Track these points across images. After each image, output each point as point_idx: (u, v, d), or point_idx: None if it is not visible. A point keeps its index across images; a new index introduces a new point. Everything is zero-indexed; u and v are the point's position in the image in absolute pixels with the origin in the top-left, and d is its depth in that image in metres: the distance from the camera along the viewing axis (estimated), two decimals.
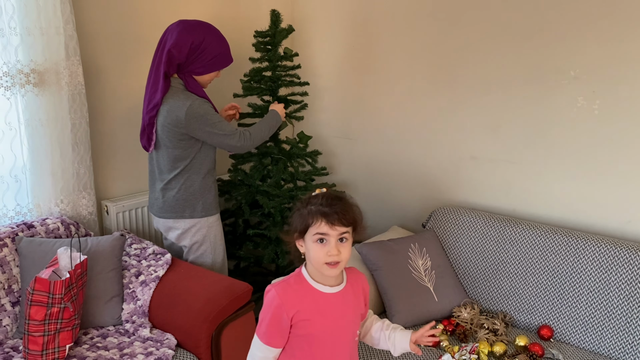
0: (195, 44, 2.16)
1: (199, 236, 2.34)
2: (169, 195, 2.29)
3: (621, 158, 2.22)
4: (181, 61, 2.17)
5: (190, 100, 2.15)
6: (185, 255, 2.40)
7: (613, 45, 2.16)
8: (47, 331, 1.82)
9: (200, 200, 2.30)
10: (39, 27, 2.14)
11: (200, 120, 2.16)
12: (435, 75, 2.69)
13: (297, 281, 1.51)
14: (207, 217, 2.33)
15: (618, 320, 2.04)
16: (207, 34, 2.19)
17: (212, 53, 2.20)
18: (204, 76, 2.26)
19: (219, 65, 2.25)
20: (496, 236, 2.36)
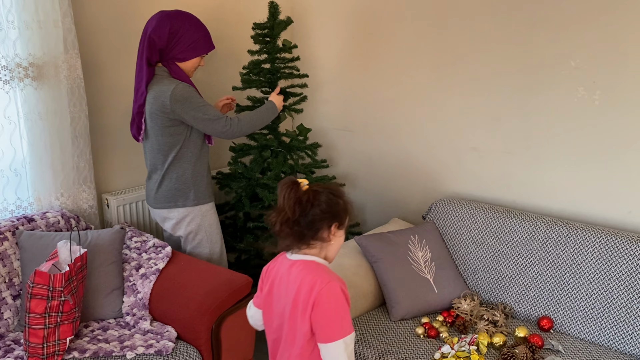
0: (173, 29, 2.20)
1: (194, 225, 2.35)
2: (161, 186, 2.31)
3: (622, 149, 2.21)
4: (162, 47, 2.21)
5: (174, 84, 2.18)
6: (183, 246, 2.41)
7: (613, 35, 2.15)
8: (48, 324, 1.83)
9: (192, 188, 2.32)
10: (37, 20, 2.14)
11: (185, 103, 2.17)
12: (436, 67, 2.68)
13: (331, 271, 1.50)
14: (200, 205, 2.35)
15: (618, 311, 2.04)
16: (184, 20, 2.23)
17: (191, 37, 2.23)
18: (187, 63, 2.28)
19: (199, 50, 2.27)
20: (496, 228, 2.35)
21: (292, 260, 1.51)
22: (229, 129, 2.27)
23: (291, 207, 1.43)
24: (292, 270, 1.49)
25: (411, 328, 2.14)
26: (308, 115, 3.20)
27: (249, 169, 2.72)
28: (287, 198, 1.44)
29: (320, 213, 1.45)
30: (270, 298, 1.56)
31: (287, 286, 1.49)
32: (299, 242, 1.48)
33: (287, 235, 1.48)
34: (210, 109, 2.24)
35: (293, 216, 1.44)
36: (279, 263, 1.56)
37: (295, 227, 1.45)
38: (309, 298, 1.42)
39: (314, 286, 1.42)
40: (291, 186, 1.45)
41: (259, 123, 2.40)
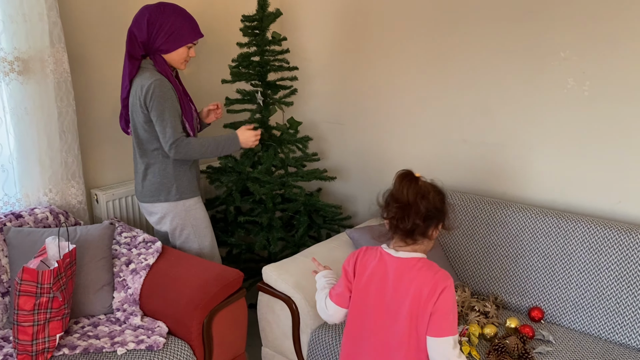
0: (151, 20, 2.17)
1: (178, 220, 2.33)
2: (145, 179, 2.31)
3: (611, 139, 2.21)
4: (143, 39, 2.18)
5: (153, 79, 2.15)
6: (172, 242, 2.40)
7: (603, 26, 2.15)
8: (37, 321, 1.81)
9: (175, 183, 2.29)
10: (22, 13, 2.11)
11: (154, 100, 2.14)
12: (427, 60, 2.67)
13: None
14: (182, 200, 2.32)
15: (608, 301, 2.05)
16: (164, 9, 2.19)
17: (171, 27, 2.18)
18: (172, 55, 2.23)
19: (181, 40, 2.21)
20: (487, 219, 2.36)
21: (402, 258, 1.50)
22: (173, 149, 2.17)
23: (420, 201, 1.45)
24: (405, 268, 1.48)
25: None
26: (298, 108, 3.19)
27: (240, 162, 2.71)
28: (411, 192, 1.46)
29: (434, 211, 1.47)
30: (366, 294, 1.53)
31: (400, 284, 1.48)
32: (407, 237, 1.49)
33: (399, 228, 1.48)
34: (170, 120, 2.16)
35: (424, 210, 1.45)
36: (378, 259, 1.53)
37: (417, 226, 1.46)
38: (432, 295, 1.43)
39: (437, 283, 1.43)
40: (414, 180, 1.49)
41: (211, 152, 2.25)
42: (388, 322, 1.50)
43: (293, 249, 2.74)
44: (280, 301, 2.14)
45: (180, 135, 2.19)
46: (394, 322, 1.49)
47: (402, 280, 1.48)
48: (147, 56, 2.25)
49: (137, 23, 2.18)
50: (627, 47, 2.11)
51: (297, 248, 2.73)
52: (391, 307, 1.50)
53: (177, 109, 2.21)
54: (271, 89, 2.69)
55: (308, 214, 2.79)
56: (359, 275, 1.56)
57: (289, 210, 2.75)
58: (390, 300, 1.50)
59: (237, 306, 2.12)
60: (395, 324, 1.49)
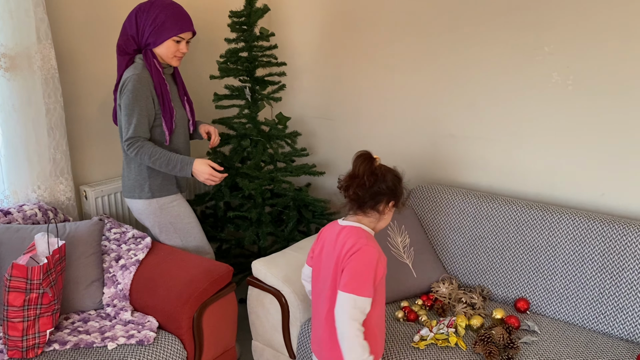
0: (140, 13, 2.18)
1: (153, 218, 2.32)
2: (125, 174, 2.32)
3: (595, 133, 2.25)
4: (132, 32, 2.19)
5: (132, 73, 2.15)
6: (156, 238, 2.39)
7: (587, 22, 2.18)
8: (27, 317, 1.82)
9: (148, 181, 2.28)
10: (8, 9, 2.10)
11: (125, 94, 2.14)
12: (414, 55, 2.69)
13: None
14: (156, 198, 2.30)
15: (592, 292, 2.09)
16: (153, 3, 2.19)
17: (156, 19, 2.17)
18: (161, 48, 2.21)
19: (166, 32, 2.18)
20: (473, 212, 2.39)
21: (343, 225, 1.69)
22: (125, 147, 2.18)
23: (368, 176, 1.63)
24: (341, 234, 1.67)
25: (391, 312, 2.17)
26: (287, 103, 3.20)
27: (229, 158, 2.72)
28: (362, 168, 1.64)
29: (385, 188, 1.66)
30: (320, 258, 1.73)
31: (334, 247, 1.66)
32: (358, 208, 1.68)
33: (352, 200, 1.66)
34: (135, 116, 2.14)
35: (368, 184, 1.63)
36: (331, 227, 1.74)
37: (363, 194, 1.64)
38: (348, 253, 1.60)
39: (354, 245, 1.61)
40: (368, 159, 1.67)
41: (159, 166, 2.19)
42: (323, 283, 1.70)
43: (282, 243, 2.76)
44: (270, 295, 2.16)
45: (137, 135, 2.16)
46: (325, 282, 1.68)
47: (337, 243, 1.66)
48: (140, 51, 2.25)
49: (129, 17, 2.21)
50: (610, 42, 2.15)
51: (286, 243, 2.75)
52: (326, 267, 1.69)
53: (147, 108, 2.18)
54: (259, 85, 2.70)
55: (297, 209, 2.81)
56: (317, 242, 1.78)
57: (278, 205, 2.77)
58: (325, 262, 1.70)
59: (227, 300, 2.14)
60: (325, 283, 1.68)
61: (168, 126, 2.26)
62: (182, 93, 2.38)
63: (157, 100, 2.22)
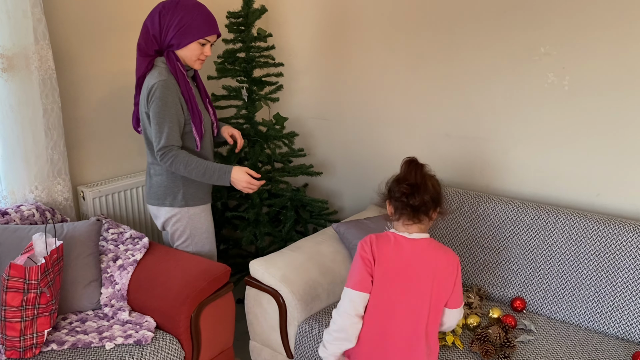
0: (163, 12, 2.09)
1: (179, 225, 2.26)
2: (153, 181, 2.24)
3: (590, 133, 2.26)
4: (155, 32, 2.10)
5: (158, 79, 2.07)
6: (171, 242, 2.34)
7: (582, 22, 2.19)
8: (25, 317, 1.82)
9: (182, 188, 2.21)
10: (5, 10, 2.10)
11: (153, 102, 2.07)
12: (410, 56, 2.70)
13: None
14: (187, 207, 2.24)
15: (588, 291, 2.10)
16: (178, 2, 2.10)
17: (183, 20, 2.08)
18: (184, 50, 2.12)
19: (192, 34, 2.09)
20: (470, 212, 2.40)
21: (416, 240, 1.63)
22: (159, 156, 2.10)
23: (429, 184, 1.63)
24: (421, 249, 1.63)
25: None
26: (284, 104, 3.21)
27: (226, 158, 2.73)
28: (420, 174, 1.63)
29: (438, 196, 1.65)
30: (388, 278, 1.62)
31: (421, 265, 1.62)
32: (414, 216, 1.62)
33: (410, 208, 1.61)
34: (166, 125, 2.07)
35: (430, 192, 1.62)
36: (394, 244, 1.64)
37: (425, 204, 1.61)
38: (452, 272, 1.62)
39: (452, 261, 1.63)
40: (421, 165, 1.67)
41: (196, 175, 2.11)
42: (413, 301, 1.61)
43: (280, 243, 2.76)
44: (268, 295, 2.16)
45: (171, 144, 2.09)
46: (418, 300, 1.61)
47: (422, 260, 1.61)
48: (161, 53, 2.15)
49: (151, 16, 2.11)
50: (606, 42, 2.16)
51: (284, 243, 2.75)
52: (415, 286, 1.61)
53: (177, 115, 2.10)
54: (257, 85, 2.71)
55: (295, 209, 2.81)
56: (379, 260, 1.63)
57: (276, 206, 2.77)
58: (413, 281, 1.61)
59: (224, 300, 2.14)
60: (420, 301, 1.61)
61: (198, 131, 2.17)
62: (204, 95, 2.31)
63: (186, 106, 2.14)
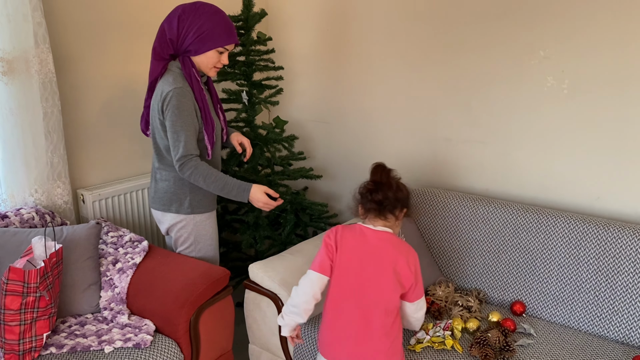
0: (183, 16, 2.03)
1: (184, 232, 2.25)
2: (159, 186, 2.22)
3: (589, 136, 2.26)
4: (172, 37, 2.05)
5: (174, 86, 2.03)
6: (174, 247, 2.33)
7: (581, 25, 2.20)
8: (24, 320, 1.82)
9: (189, 195, 2.19)
10: (6, 14, 2.11)
11: (169, 111, 2.03)
12: (409, 59, 2.70)
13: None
14: (193, 214, 2.22)
15: (587, 295, 2.10)
16: (199, 7, 2.05)
17: (202, 27, 2.03)
18: (201, 57, 2.08)
19: (211, 42, 2.05)
20: (470, 215, 2.40)
21: (380, 231, 1.76)
22: (182, 168, 2.06)
23: (393, 183, 1.78)
24: (383, 242, 1.75)
25: None
26: (284, 107, 3.22)
27: (226, 161, 2.73)
28: (385, 176, 1.79)
29: (402, 196, 1.79)
30: (348, 265, 1.75)
31: (381, 255, 1.73)
32: (380, 213, 1.76)
33: (377, 203, 1.75)
34: (182, 134, 2.04)
35: (393, 189, 1.76)
36: (359, 234, 1.77)
37: (389, 198, 1.75)
38: (410, 269, 1.72)
39: (410, 258, 1.74)
40: (387, 169, 1.82)
41: (214, 189, 2.09)
42: (370, 290, 1.72)
43: (280, 247, 2.76)
44: (267, 298, 2.16)
45: (189, 153, 2.05)
46: (375, 290, 1.71)
47: (384, 252, 1.73)
48: (176, 57, 2.12)
49: (169, 19, 2.06)
50: (605, 46, 2.16)
51: (283, 246, 2.75)
52: (374, 276, 1.71)
53: (193, 123, 2.07)
54: (257, 89, 2.71)
55: (295, 212, 2.81)
56: (341, 249, 1.76)
57: (276, 209, 2.77)
58: (371, 269, 1.72)
59: (223, 304, 2.14)
60: (377, 290, 1.71)
61: (210, 140, 2.14)
62: (215, 101, 2.28)
63: (200, 114, 2.11)
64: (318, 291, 1.78)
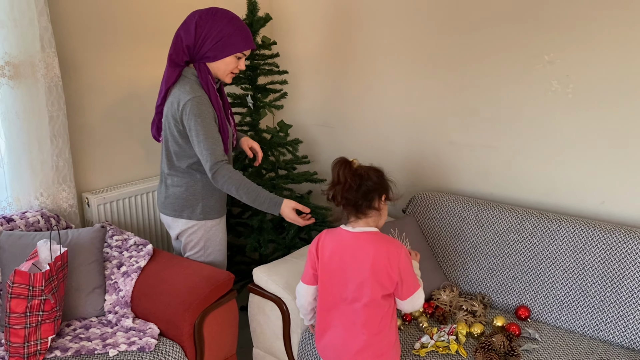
0: (200, 23, 2.01)
1: (194, 237, 2.25)
2: (170, 192, 2.20)
3: (594, 141, 2.26)
4: (189, 43, 2.03)
5: (192, 95, 2.00)
6: (182, 251, 2.32)
7: (586, 30, 2.19)
8: (29, 323, 1.82)
9: (201, 201, 2.18)
10: (13, 18, 2.12)
11: (191, 120, 2.01)
12: (414, 63, 2.71)
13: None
14: (205, 220, 2.22)
15: (592, 299, 2.09)
16: (215, 13, 2.03)
17: (220, 33, 2.01)
18: (218, 64, 2.06)
19: (230, 48, 2.03)
20: (474, 220, 2.39)
21: (357, 233, 1.70)
22: (216, 176, 2.03)
23: (351, 178, 1.66)
24: (361, 242, 1.69)
25: None
26: (288, 111, 3.22)
27: None
28: (344, 172, 1.67)
29: (372, 185, 1.68)
30: (330, 270, 1.73)
31: (357, 255, 1.68)
32: (357, 212, 1.69)
33: (345, 205, 1.69)
34: (211, 141, 2.01)
35: (354, 185, 1.65)
36: (337, 237, 1.74)
37: (354, 196, 1.66)
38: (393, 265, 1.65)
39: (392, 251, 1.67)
40: (345, 162, 1.69)
41: (246, 199, 2.05)
42: (351, 291, 1.69)
43: (284, 250, 2.76)
44: (271, 302, 2.16)
45: (220, 159, 2.03)
46: (356, 290, 1.68)
47: (362, 252, 1.68)
48: (190, 63, 2.09)
49: (186, 25, 2.04)
50: (610, 50, 2.16)
51: (287, 250, 2.75)
52: (352, 277, 1.68)
53: (216, 129, 2.05)
54: (261, 93, 2.72)
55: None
56: (322, 254, 1.75)
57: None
58: (351, 272, 1.69)
59: (228, 308, 2.14)
60: (358, 291, 1.68)
61: (225, 146, 2.12)
62: (227, 107, 2.24)
63: (217, 121, 2.09)
64: (311, 299, 1.85)
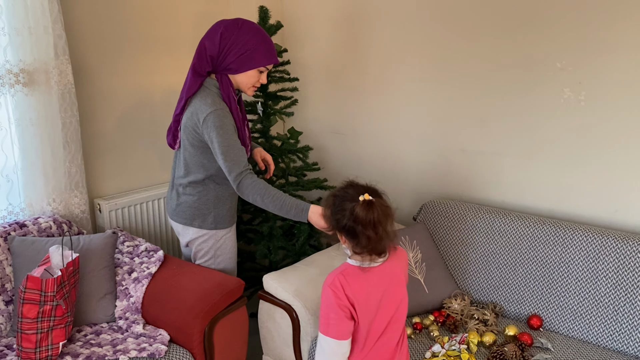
0: (226, 34, 1.98)
1: (205, 246, 2.24)
2: (182, 200, 2.20)
3: (607, 148, 2.24)
4: (213, 53, 2.00)
5: (213, 108, 1.98)
6: (193, 259, 2.32)
7: (598, 37, 2.18)
8: (40, 329, 1.83)
9: (213, 211, 2.18)
10: (27, 26, 2.14)
11: (213, 132, 1.98)
12: (425, 70, 2.70)
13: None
14: (216, 230, 2.21)
15: (606, 309, 2.07)
16: (241, 25, 2.01)
17: (245, 46, 1.99)
18: (241, 76, 2.04)
19: (254, 62, 2.01)
20: (486, 228, 2.38)
21: (381, 266, 1.64)
22: (241, 185, 1.99)
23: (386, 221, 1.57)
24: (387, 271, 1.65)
25: None
26: (299, 118, 3.23)
27: None
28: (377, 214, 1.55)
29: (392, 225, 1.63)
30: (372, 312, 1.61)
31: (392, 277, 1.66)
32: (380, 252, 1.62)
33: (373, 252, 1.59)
34: (234, 151, 1.99)
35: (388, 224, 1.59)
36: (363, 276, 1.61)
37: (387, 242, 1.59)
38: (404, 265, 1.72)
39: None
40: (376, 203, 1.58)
41: (272, 208, 1.99)
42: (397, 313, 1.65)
43: (294, 257, 2.76)
44: (281, 309, 2.16)
45: (245, 168, 2.00)
46: (400, 310, 1.66)
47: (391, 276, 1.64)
48: (212, 74, 2.07)
49: (210, 35, 2.01)
50: (622, 57, 2.14)
51: (297, 257, 2.75)
52: (394, 300, 1.64)
53: (237, 139, 2.02)
54: (272, 100, 2.73)
55: (308, 223, 2.81)
56: (358, 302, 1.57)
57: (290, 220, 2.77)
58: (392, 297, 1.64)
59: (238, 314, 2.14)
60: (401, 309, 1.66)
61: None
62: (244, 117, 2.21)
63: (237, 132, 2.07)
64: (347, 352, 1.61)
